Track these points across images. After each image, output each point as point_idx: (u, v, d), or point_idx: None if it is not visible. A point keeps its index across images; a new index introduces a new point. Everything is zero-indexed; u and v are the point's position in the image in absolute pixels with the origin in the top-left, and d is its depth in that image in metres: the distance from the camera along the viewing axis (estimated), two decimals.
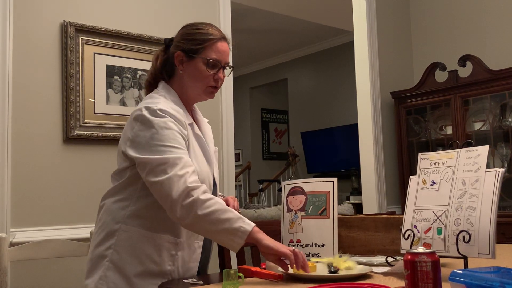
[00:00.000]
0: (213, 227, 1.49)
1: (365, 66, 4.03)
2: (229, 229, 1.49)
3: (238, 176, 8.42)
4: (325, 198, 1.77)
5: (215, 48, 1.67)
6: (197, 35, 1.69)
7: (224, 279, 1.33)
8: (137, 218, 1.61)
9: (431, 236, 1.48)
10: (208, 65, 1.66)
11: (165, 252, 1.61)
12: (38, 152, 2.41)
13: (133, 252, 1.59)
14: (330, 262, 1.52)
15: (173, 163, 1.50)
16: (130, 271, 1.58)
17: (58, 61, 2.51)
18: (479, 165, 1.46)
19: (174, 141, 1.54)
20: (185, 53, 1.68)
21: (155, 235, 1.60)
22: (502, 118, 3.61)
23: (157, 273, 1.60)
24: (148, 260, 1.59)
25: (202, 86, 1.68)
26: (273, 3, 5.62)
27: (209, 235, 1.56)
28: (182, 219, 1.50)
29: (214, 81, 1.68)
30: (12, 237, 2.26)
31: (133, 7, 2.79)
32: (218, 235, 1.52)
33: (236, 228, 1.49)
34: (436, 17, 4.23)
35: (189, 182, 1.49)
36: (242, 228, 1.49)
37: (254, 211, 3.26)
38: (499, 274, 1.05)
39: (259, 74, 8.97)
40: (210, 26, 1.72)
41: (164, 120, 1.56)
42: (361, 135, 4.06)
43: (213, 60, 1.66)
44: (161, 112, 1.57)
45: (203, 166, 1.65)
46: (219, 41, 1.69)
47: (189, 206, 1.48)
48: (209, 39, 1.67)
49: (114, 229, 1.62)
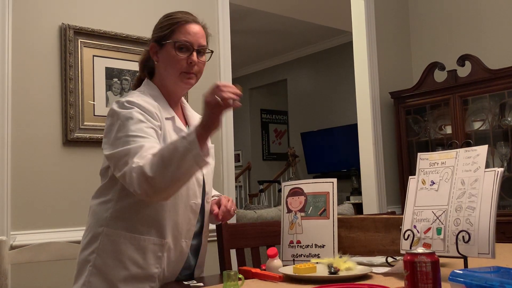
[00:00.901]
0: (172, 168, 1.38)
1: (364, 66, 4.03)
2: (184, 154, 1.37)
3: (238, 177, 8.42)
4: (325, 199, 1.77)
5: (183, 30, 1.61)
6: (165, 22, 1.65)
7: (224, 280, 1.33)
8: (120, 220, 1.56)
9: (431, 236, 1.49)
10: (177, 48, 1.59)
11: (150, 254, 1.55)
12: (38, 154, 2.41)
13: (116, 256, 1.54)
14: (330, 262, 1.52)
15: (134, 152, 1.43)
16: (114, 276, 1.53)
17: (57, 64, 2.51)
18: (478, 165, 1.47)
19: (139, 130, 1.47)
20: (157, 42, 1.63)
21: (138, 237, 1.55)
22: (501, 117, 3.61)
23: (143, 277, 1.54)
24: (133, 264, 1.54)
25: (176, 72, 1.61)
26: (272, 4, 5.62)
27: (180, 175, 1.41)
28: (154, 194, 1.42)
29: (187, 66, 1.60)
30: (12, 240, 2.26)
31: (131, 10, 2.79)
32: (183, 168, 1.39)
33: (186, 149, 1.37)
34: (435, 17, 4.23)
35: (142, 163, 1.40)
36: (189, 144, 1.37)
37: (254, 212, 3.26)
38: (499, 274, 1.05)
39: (259, 75, 8.97)
40: (181, 12, 1.67)
41: (129, 111, 1.51)
42: (360, 135, 4.06)
43: (182, 42, 1.60)
44: (128, 104, 1.52)
45: None
46: (188, 23, 1.63)
47: (144, 181, 1.39)
48: (175, 22, 1.62)
49: (97, 232, 1.57)
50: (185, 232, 1.62)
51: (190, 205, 1.61)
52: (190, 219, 1.63)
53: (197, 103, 1.86)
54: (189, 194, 1.60)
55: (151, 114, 1.54)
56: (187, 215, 1.61)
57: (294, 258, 1.75)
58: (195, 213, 1.63)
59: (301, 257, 1.75)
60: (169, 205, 1.56)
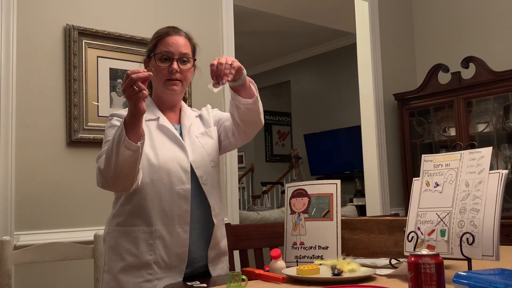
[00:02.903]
0: (113, 157, 1.52)
1: (368, 68, 4.03)
2: (118, 142, 1.50)
3: (241, 179, 8.43)
4: (329, 200, 1.77)
5: (164, 42, 1.75)
6: (152, 37, 1.81)
7: (228, 281, 1.33)
8: (115, 218, 1.72)
9: (435, 238, 1.48)
10: (160, 59, 1.74)
11: (142, 243, 1.66)
12: (41, 155, 2.42)
13: (114, 250, 1.69)
14: (334, 264, 1.52)
15: (101, 155, 1.62)
16: (115, 268, 1.68)
17: (61, 65, 2.52)
18: (482, 167, 1.46)
19: (112, 135, 1.60)
20: (147, 56, 1.81)
21: (129, 229, 1.68)
22: (506, 120, 3.60)
23: (139, 265, 1.65)
24: (127, 254, 1.66)
25: (160, 81, 1.75)
26: (276, 5, 5.63)
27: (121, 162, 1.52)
28: (112, 185, 1.58)
29: (168, 73, 1.73)
30: (16, 240, 2.26)
31: (135, 11, 2.80)
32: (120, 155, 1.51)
33: (118, 136, 1.50)
34: (439, 19, 4.23)
35: (99, 160, 1.61)
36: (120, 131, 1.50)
37: (257, 213, 3.26)
38: (503, 276, 1.05)
39: (262, 76, 8.97)
40: (167, 27, 1.81)
41: (111, 121, 1.73)
42: (364, 137, 4.06)
43: (163, 53, 1.73)
44: (111, 115, 1.76)
45: (165, 152, 1.70)
46: (169, 35, 1.76)
47: (99, 175, 1.59)
48: (156, 37, 1.78)
49: (105, 233, 1.78)
50: (177, 219, 1.68)
51: (176, 192, 1.68)
52: (181, 205, 1.69)
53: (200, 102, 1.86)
54: (173, 180, 1.68)
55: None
56: (176, 202, 1.68)
57: (297, 260, 1.75)
58: (185, 198, 1.69)
59: (304, 258, 1.74)
60: (151, 194, 1.67)
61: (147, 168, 1.67)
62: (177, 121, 1.83)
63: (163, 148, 1.71)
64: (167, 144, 1.73)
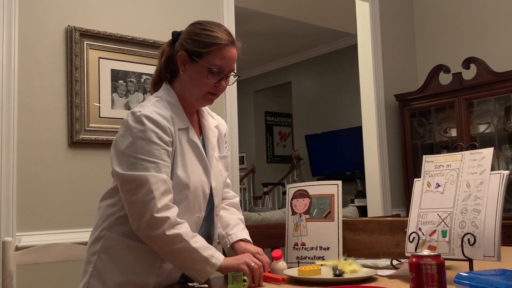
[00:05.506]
0: (175, 258, 1.49)
1: (369, 69, 4.03)
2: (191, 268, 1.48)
3: (243, 180, 8.43)
4: (330, 201, 1.77)
5: (220, 54, 1.55)
6: (203, 36, 1.57)
7: (229, 282, 1.33)
8: (122, 225, 1.55)
9: (436, 238, 1.48)
10: (210, 73, 1.55)
11: (147, 262, 1.54)
12: (43, 156, 2.42)
13: (114, 261, 1.55)
14: (335, 265, 1.52)
15: (139, 183, 1.44)
16: (111, 280, 1.53)
17: (63, 66, 2.52)
18: (483, 168, 1.46)
19: (148, 153, 1.46)
20: (188, 54, 1.57)
21: (138, 245, 1.53)
22: (507, 120, 3.60)
23: (138, 284, 1.53)
24: (129, 271, 1.53)
25: (201, 92, 1.58)
26: (277, 6, 5.63)
27: (174, 262, 1.52)
28: (142, 237, 1.49)
29: (214, 89, 1.58)
30: (17, 241, 2.26)
31: (137, 12, 2.80)
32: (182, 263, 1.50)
33: (202, 267, 1.47)
34: (440, 19, 4.23)
35: (156, 210, 1.43)
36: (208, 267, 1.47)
37: (258, 214, 3.26)
38: (504, 276, 1.05)
39: (263, 77, 8.98)
40: (219, 28, 1.61)
41: (142, 128, 1.48)
42: (365, 138, 4.06)
43: (217, 68, 1.55)
44: (144, 118, 1.49)
45: (194, 175, 1.56)
46: (226, 46, 1.57)
47: (153, 239, 1.46)
48: (214, 43, 1.55)
49: (100, 235, 1.58)
50: None
51: (194, 219, 1.58)
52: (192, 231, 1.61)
53: None
54: (195, 207, 1.58)
55: (164, 130, 1.51)
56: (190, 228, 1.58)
57: (298, 260, 1.75)
58: (197, 225, 1.60)
59: (305, 259, 1.75)
60: None
61: (176, 188, 1.52)
62: (198, 130, 1.68)
63: (191, 169, 1.56)
64: (195, 165, 1.57)
